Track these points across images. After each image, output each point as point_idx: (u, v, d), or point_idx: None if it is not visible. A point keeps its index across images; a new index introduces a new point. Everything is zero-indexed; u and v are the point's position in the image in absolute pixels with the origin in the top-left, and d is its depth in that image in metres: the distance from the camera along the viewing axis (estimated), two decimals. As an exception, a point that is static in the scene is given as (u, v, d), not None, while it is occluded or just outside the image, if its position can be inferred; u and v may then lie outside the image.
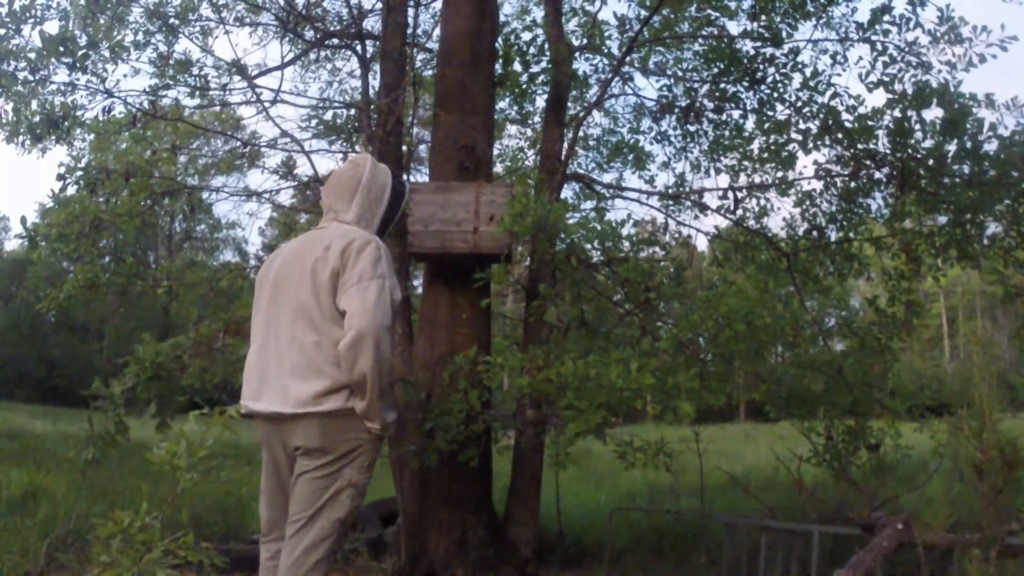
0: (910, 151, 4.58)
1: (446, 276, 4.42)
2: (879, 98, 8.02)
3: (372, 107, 5.42)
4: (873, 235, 5.58)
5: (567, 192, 5.90)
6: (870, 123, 4.65)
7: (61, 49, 4.34)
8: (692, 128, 6.55)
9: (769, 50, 5.56)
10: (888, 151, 4.72)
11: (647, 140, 7.14)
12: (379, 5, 5.88)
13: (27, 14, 4.46)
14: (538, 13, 6.54)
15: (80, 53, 4.46)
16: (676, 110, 6.37)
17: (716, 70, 6.03)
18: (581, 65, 6.55)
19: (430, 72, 6.57)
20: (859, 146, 4.84)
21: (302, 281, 2.35)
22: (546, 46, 5.80)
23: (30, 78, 4.51)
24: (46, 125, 4.64)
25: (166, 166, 5.93)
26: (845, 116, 4.98)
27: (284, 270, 2.45)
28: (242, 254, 33.62)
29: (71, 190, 5.25)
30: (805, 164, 32.42)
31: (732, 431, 18.56)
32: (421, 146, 9.13)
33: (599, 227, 4.05)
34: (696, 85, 6.30)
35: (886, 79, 4.79)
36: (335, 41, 6.44)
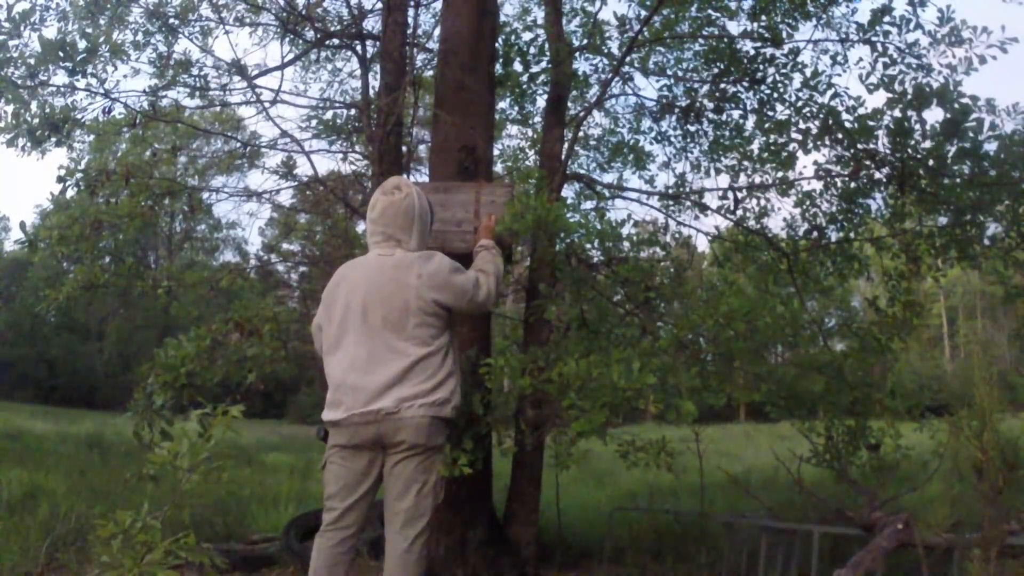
0: (910, 151, 4.57)
1: (446, 276, 4.41)
2: (879, 99, 8.01)
3: (372, 107, 5.41)
4: (873, 235, 5.58)
5: (567, 192, 5.90)
6: (870, 123, 4.64)
7: (60, 54, 4.33)
8: (692, 128, 6.54)
9: (769, 50, 5.56)
10: (888, 151, 4.71)
11: (647, 140, 7.13)
12: (379, 5, 5.88)
13: (27, 20, 4.44)
14: (538, 13, 6.54)
15: (79, 58, 4.45)
16: (676, 110, 6.37)
17: (716, 70, 6.03)
18: (581, 65, 6.54)
19: (430, 72, 6.57)
20: (859, 146, 4.84)
21: (405, 309, 2.79)
22: (546, 46, 5.80)
23: (29, 83, 4.49)
24: (46, 128, 4.62)
25: (166, 167, 5.92)
26: (845, 116, 4.98)
27: (373, 297, 2.83)
28: (242, 254, 33.72)
29: (71, 192, 5.24)
30: (805, 164, 32.48)
31: (732, 431, 18.60)
32: (421, 146, 9.13)
33: (599, 227, 4.04)
34: (696, 85, 6.30)
35: (886, 80, 4.79)
36: (335, 41, 6.43)
